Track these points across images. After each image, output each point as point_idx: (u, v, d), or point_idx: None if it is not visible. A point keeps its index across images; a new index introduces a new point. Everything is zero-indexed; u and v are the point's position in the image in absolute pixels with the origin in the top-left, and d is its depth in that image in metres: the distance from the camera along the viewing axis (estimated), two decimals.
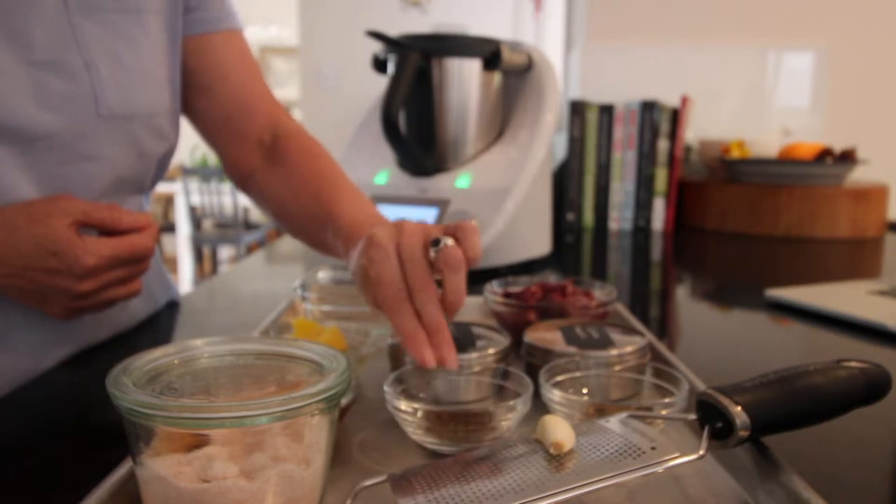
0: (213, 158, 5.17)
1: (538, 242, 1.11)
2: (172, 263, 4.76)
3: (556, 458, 0.36)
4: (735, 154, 1.59)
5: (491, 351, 0.55)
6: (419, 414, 0.45)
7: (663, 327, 0.88)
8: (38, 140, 0.60)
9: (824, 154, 1.49)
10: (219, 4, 0.78)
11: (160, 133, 0.72)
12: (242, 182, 0.81)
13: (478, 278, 0.81)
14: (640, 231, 1.58)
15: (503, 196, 1.00)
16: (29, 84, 0.58)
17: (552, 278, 0.76)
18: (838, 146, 1.55)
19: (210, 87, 0.77)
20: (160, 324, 0.84)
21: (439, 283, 0.48)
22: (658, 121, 1.56)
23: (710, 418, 0.40)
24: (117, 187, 0.69)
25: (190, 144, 5.01)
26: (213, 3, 0.77)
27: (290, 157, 0.77)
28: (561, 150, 1.72)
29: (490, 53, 1.05)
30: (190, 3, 0.75)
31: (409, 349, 0.47)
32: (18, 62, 0.58)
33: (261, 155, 0.79)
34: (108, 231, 0.60)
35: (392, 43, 1.01)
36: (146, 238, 0.60)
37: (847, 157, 1.49)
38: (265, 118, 0.80)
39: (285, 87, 6.23)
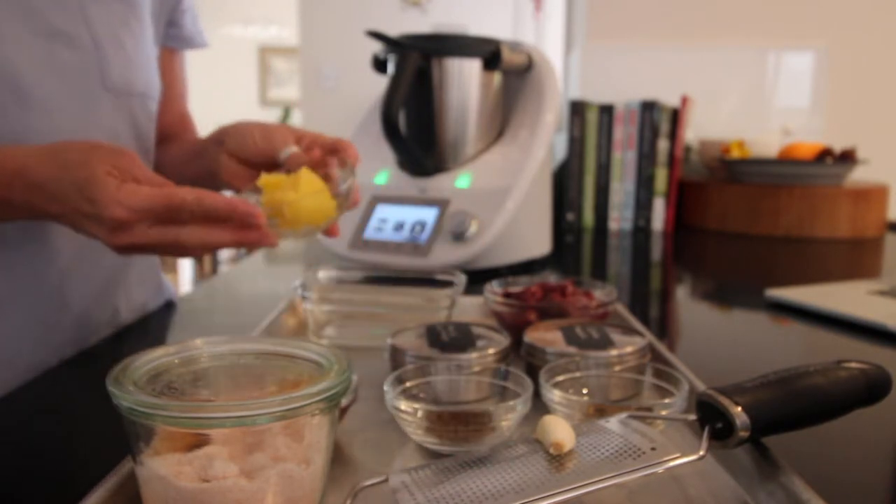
0: None
1: (538, 242, 1.11)
2: (173, 263, 4.76)
3: (556, 459, 0.36)
4: (735, 154, 1.59)
5: (491, 351, 0.55)
6: (419, 414, 0.45)
7: (663, 327, 0.88)
8: (53, 110, 0.64)
9: (824, 154, 1.49)
10: (191, 23, 0.84)
11: (152, 116, 0.77)
12: None
13: (478, 278, 0.82)
14: (640, 231, 1.58)
15: (503, 196, 1.00)
16: (41, 53, 0.63)
17: (552, 278, 0.76)
18: (838, 146, 1.55)
19: None
20: (160, 324, 0.84)
21: None
22: (658, 121, 1.56)
23: (710, 419, 0.40)
24: None
25: None
26: (187, 22, 0.83)
27: (184, 136, 0.88)
28: (561, 150, 1.72)
29: (490, 53, 1.05)
30: (171, 18, 0.81)
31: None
32: (32, 33, 0.62)
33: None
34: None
35: (392, 43, 1.01)
36: (185, 191, 0.52)
37: (847, 157, 1.49)
38: (177, 130, 0.87)
39: (285, 87, 6.22)
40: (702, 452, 0.37)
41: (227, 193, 0.59)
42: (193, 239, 0.52)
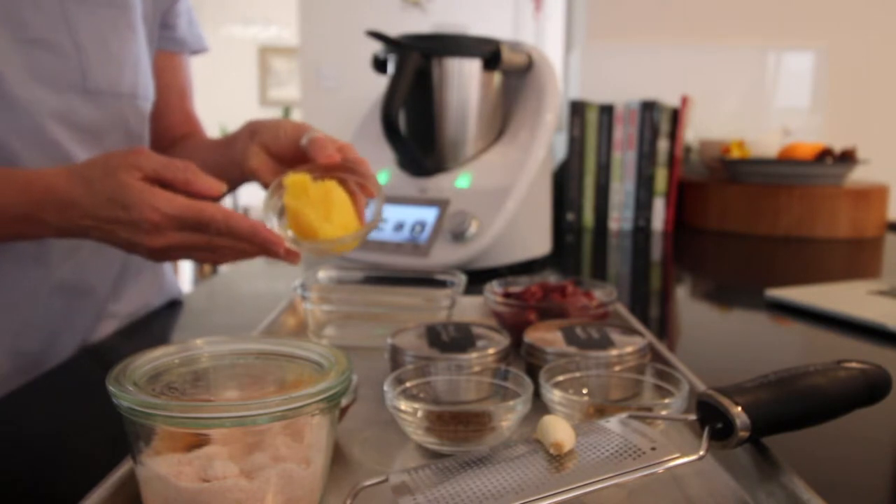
0: None
1: (538, 242, 1.11)
2: (173, 263, 4.76)
3: (556, 459, 0.36)
4: (735, 154, 1.59)
5: (491, 351, 0.55)
6: (419, 414, 0.45)
7: (663, 327, 0.88)
8: (35, 112, 0.65)
9: (824, 154, 1.49)
10: (186, 26, 0.85)
11: (145, 117, 0.78)
12: None
13: (478, 278, 0.82)
14: (640, 231, 1.58)
15: (503, 196, 1.00)
16: (22, 59, 0.64)
17: (552, 278, 0.76)
18: (838, 146, 1.55)
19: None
20: (160, 323, 0.84)
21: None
22: (658, 121, 1.56)
23: (710, 419, 0.40)
24: None
25: None
26: (181, 25, 0.83)
27: (196, 135, 0.88)
28: (561, 150, 1.72)
29: (490, 53, 1.04)
30: (165, 20, 0.81)
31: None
32: (13, 40, 0.63)
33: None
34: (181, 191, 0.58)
35: (392, 43, 1.01)
36: (214, 208, 0.55)
37: (847, 157, 1.49)
38: (185, 131, 0.88)
39: (285, 87, 6.22)
40: (702, 452, 0.37)
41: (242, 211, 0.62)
42: (224, 244, 0.55)
